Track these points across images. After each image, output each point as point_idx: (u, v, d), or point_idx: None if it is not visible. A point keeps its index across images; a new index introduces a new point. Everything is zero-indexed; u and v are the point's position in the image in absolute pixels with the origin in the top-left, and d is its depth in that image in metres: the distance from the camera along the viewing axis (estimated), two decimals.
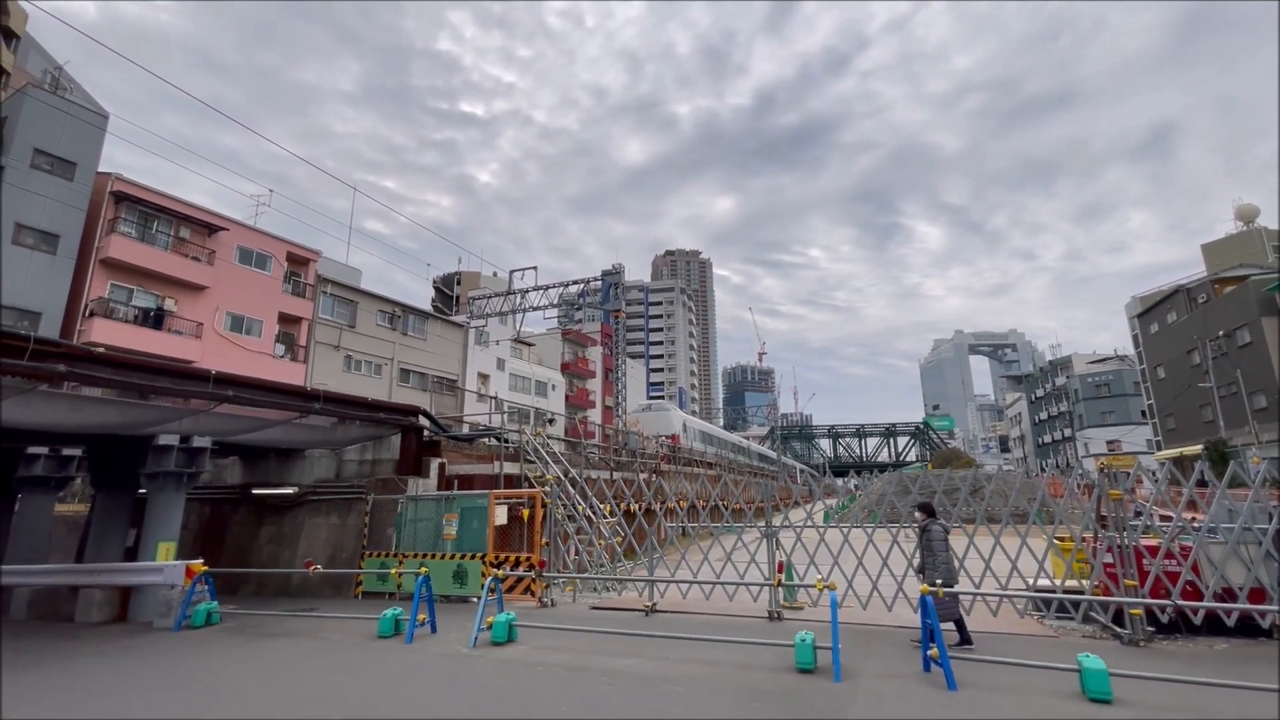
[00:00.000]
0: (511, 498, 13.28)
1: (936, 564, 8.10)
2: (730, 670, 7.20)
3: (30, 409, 9.98)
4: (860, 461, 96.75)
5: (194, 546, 15.47)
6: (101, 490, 14.02)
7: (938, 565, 8.08)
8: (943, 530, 8.36)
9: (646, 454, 24.76)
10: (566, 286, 34.00)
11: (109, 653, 9.08)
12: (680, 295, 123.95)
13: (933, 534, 8.29)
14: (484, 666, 7.61)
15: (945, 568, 8.07)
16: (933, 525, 8.38)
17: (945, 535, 8.32)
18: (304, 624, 10.73)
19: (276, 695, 6.74)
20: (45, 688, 7.28)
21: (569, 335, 56.66)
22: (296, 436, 14.18)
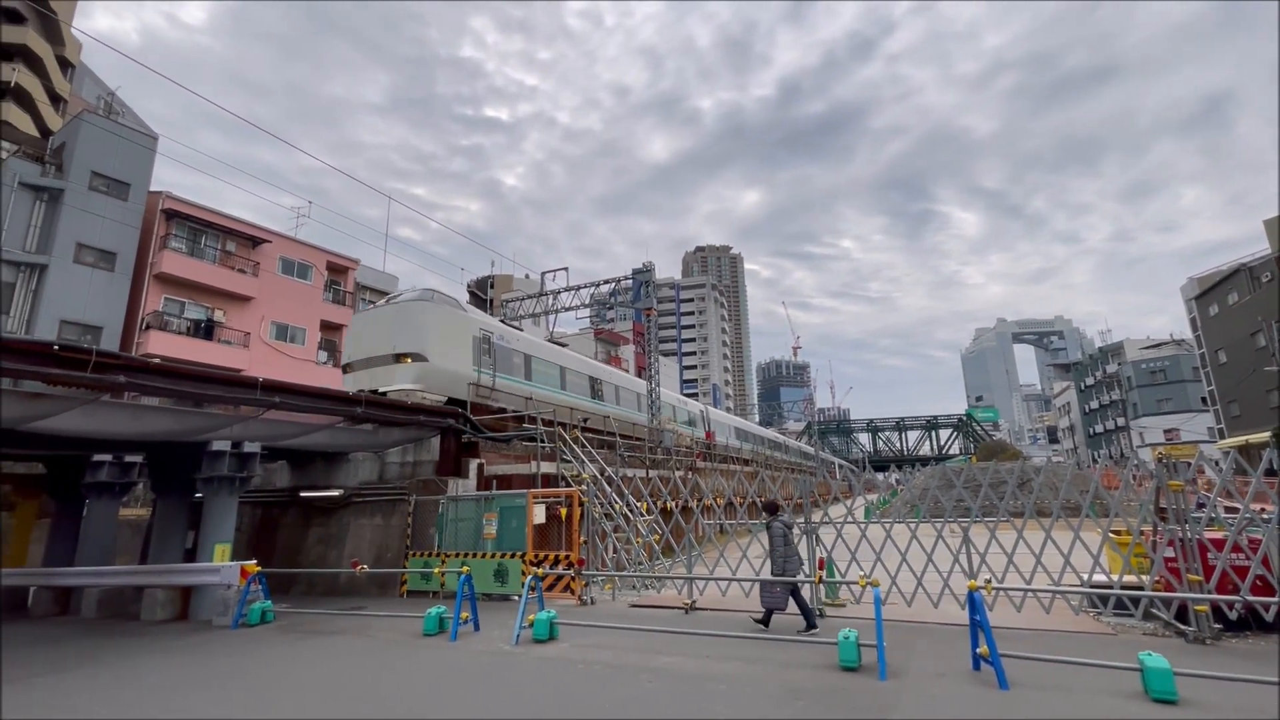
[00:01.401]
0: (549, 497, 13.41)
1: (775, 557, 8.88)
2: (772, 668, 7.13)
3: (94, 418, 10.50)
4: (901, 455, 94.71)
5: (247, 548, 16.07)
6: (161, 495, 14.67)
7: (775, 559, 8.86)
8: (783, 526, 9.02)
9: (681, 451, 24.69)
10: (598, 286, 34.13)
11: (172, 650, 9.50)
12: (711, 291, 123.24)
13: (772, 530, 9.02)
14: (527, 664, 7.70)
15: (782, 561, 8.81)
16: (773, 522, 9.07)
17: (785, 531, 8.98)
18: (352, 622, 11.04)
19: (329, 691, 6.94)
20: (115, 684, 7.66)
21: (601, 335, 56.96)
22: (340, 440, 14.58)
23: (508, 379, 19.12)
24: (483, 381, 17.96)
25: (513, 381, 19.37)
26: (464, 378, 17.42)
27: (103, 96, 52.65)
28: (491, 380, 18.16)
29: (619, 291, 34.99)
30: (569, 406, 20.55)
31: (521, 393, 19.44)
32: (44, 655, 9.62)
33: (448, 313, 17.88)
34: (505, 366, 19.26)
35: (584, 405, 22.29)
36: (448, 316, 17.73)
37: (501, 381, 18.66)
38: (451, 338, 17.52)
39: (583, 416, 20.93)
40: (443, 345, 17.07)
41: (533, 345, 21.58)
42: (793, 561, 8.99)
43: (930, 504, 11.40)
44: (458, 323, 17.90)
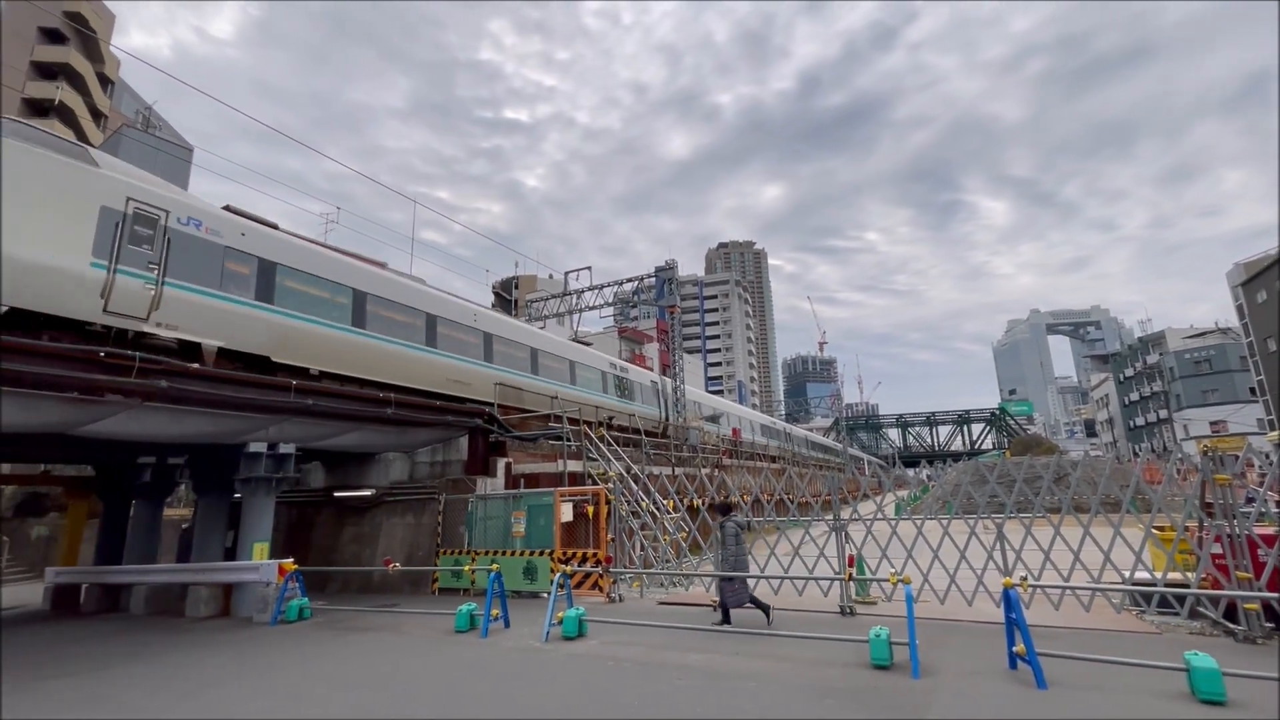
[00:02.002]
0: (576, 495, 13.50)
1: (726, 555, 9.38)
2: (802, 666, 7.08)
3: (139, 422, 10.88)
4: (932, 451, 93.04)
5: (284, 547, 16.50)
6: (202, 495, 15.14)
7: (727, 556, 9.38)
8: (735, 526, 9.52)
9: (707, 449, 24.64)
10: (621, 285, 34.22)
11: (216, 645, 9.81)
12: (735, 288, 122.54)
13: (725, 529, 9.53)
14: (557, 660, 7.78)
15: (734, 559, 9.31)
16: (726, 522, 9.60)
17: (736, 531, 9.48)
18: (386, 619, 11.27)
19: (365, 686, 7.10)
20: (163, 678, 7.94)
21: (625, 333, 57.07)
22: (371, 440, 14.87)
23: (210, 295, 11.64)
24: (123, 294, 10.38)
25: (216, 299, 11.72)
26: (68, 278, 9.85)
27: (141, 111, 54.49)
28: (155, 294, 10.80)
29: (642, 290, 35.04)
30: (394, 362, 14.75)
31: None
32: (94, 651, 10.01)
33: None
34: (200, 272, 11.62)
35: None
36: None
37: (181, 296, 11.17)
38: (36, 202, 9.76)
39: (608, 415, 20.88)
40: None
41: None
42: (743, 560, 9.48)
43: (963, 500, 11.18)
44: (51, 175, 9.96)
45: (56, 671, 8.48)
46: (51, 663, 9.12)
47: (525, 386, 18.55)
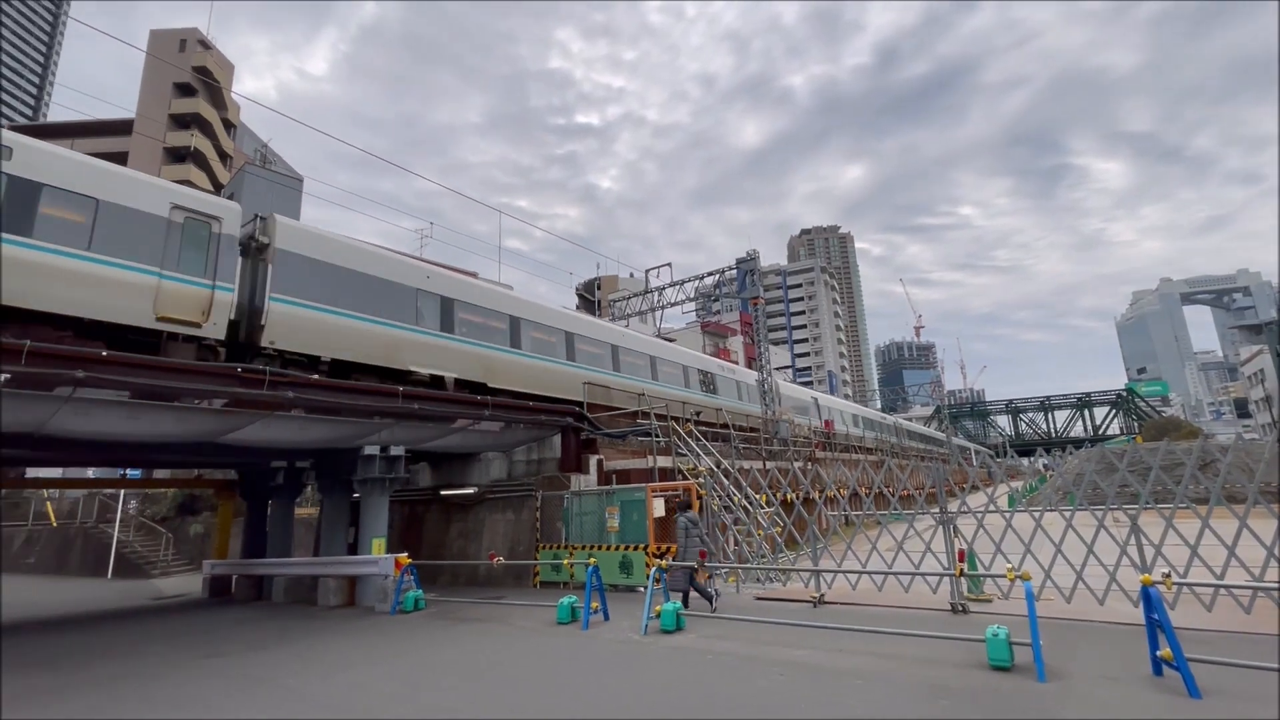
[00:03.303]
0: (667, 490, 13.59)
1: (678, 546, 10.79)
2: (912, 665, 6.76)
3: (271, 430, 12.07)
4: (1049, 438, 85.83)
5: (398, 542, 17.73)
6: (326, 495, 16.56)
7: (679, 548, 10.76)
8: (686, 520, 10.82)
9: (799, 441, 24.02)
10: (702, 279, 34.00)
11: (345, 632, 10.70)
12: (821, 275, 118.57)
13: (677, 523, 10.90)
14: (658, 653, 7.87)
15: (682, 551, 10.65)
16: (679, 517, 10.95)
17: (686, 525, 10.77)
18: (493, 610, 11.84)
19: (477, 673, 7.51)
20: (306, 659, 8.76)
21: (708, 328, 56.71)
22: (471, 441, 15.68)
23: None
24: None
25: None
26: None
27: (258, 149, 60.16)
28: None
29: (724, 282, 34.65)
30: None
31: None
32: (247, 634, 11.21)
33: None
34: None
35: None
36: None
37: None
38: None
39: (695, 410, 20.81)
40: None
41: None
42: (691, 551, 10.55)
43: (1088, 490, 10.24)
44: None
45: (217, 651, 9.58)
46: (213, 644, 10.31)
47: (612, 384, 18.85)
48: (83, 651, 10.30)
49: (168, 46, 50.29)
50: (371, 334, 13.28)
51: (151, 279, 10.31)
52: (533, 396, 16.22)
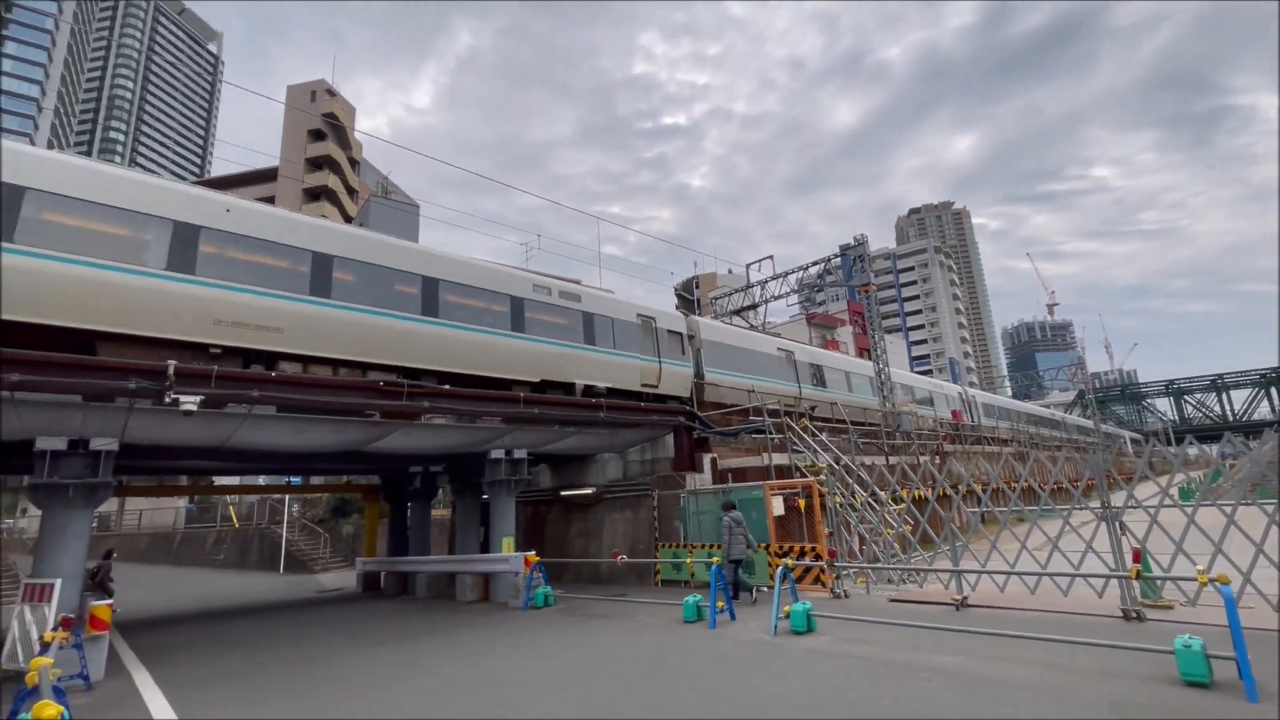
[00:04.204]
0: (786, 488, 13.24)
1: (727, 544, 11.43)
2: (1083, 676, 6.09)
3: (410, 437, 13.10)
4: (1224, 421, 74.65)
5: (524, 541, 18.59)
6: (458, 497, 17.73)
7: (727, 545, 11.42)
8: (730, 520, 11.44)
9: (924, 434, 22.53)
10: (806, 269, 32.86)
11: (484, 625, 11.38)
12: (935, 255, 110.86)
13: (722, 522, 11.69)
14: (792, 654, 7.67)
15: (727, 548, 11.36)
16: (724, 517, 11.68)
17: (730, 524, 11.41)
18: (619, 607, 12.10)
19: (615, 667, 7.69)
20: (453, 648, 9.41)
21: (814, 320, 54.74)
22: (587, 443, 16.15)
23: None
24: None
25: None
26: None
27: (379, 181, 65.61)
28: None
29: (829, 271, 33.31)
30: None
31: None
32: (399, 625, 12.22)
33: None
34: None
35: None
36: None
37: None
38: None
39: (809, 405, 20.16)
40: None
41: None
42: (735, 549, 11.40)
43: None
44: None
45: (376, 640, 10.52)
46: (371, 633, 11.34)
47: (722, 382, 18.75)
48: (268, 637, 11.70)
49: (301, 98, 56.26)
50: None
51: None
52: (646, 397, 16.46)
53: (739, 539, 11.45)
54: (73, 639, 7.74)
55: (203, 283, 9.75)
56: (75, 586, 9.13)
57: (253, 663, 9.34)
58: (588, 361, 14.98)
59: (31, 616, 8.37)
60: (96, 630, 8.57)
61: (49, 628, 7.77)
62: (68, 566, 9.18)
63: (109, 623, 8.83)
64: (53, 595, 8.49)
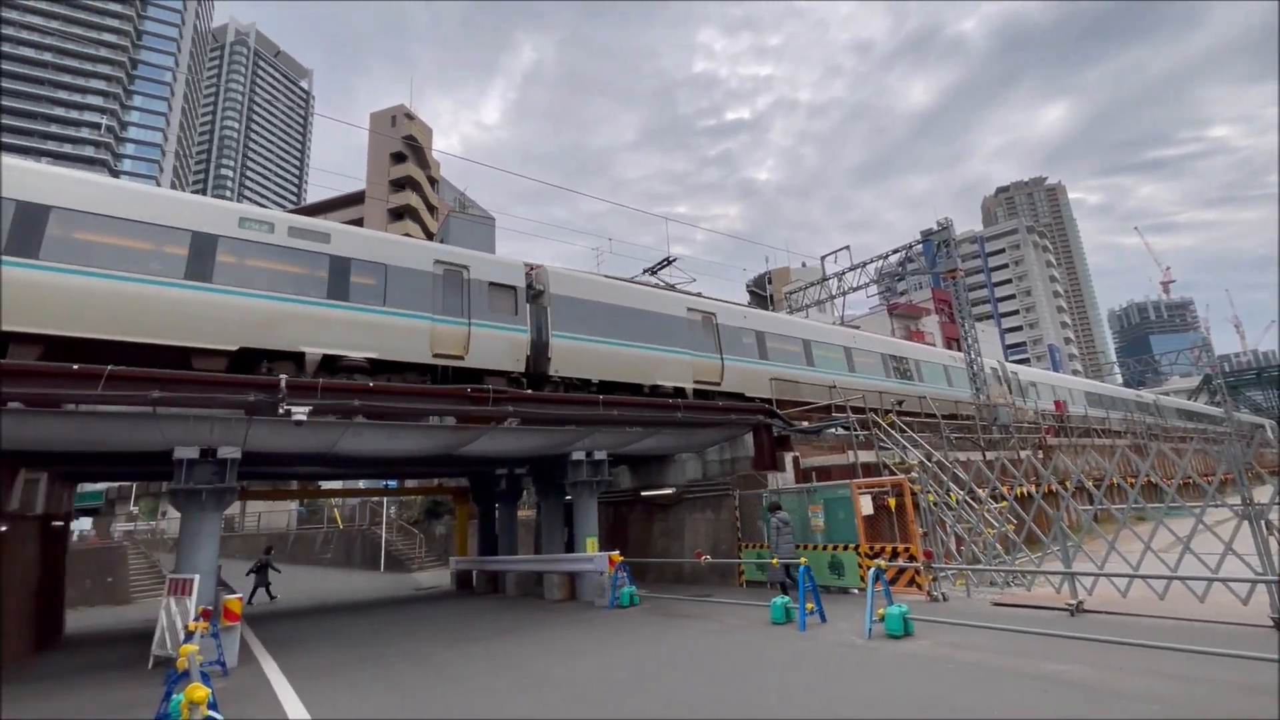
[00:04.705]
0: (874, 486, 12.75)
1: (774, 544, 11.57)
2: (1229, 692, 5.49)
3: (495, 441, 13.59)
4: None
5: (607, 541, 18.86)
6: (543, 498, 18.23)
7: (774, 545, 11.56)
8: (778, 521, 11.65)
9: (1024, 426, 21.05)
10: (885, 258, 31.56)
11: (572, 623, 11.63)
12: (1028, 236, 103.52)
13: (770, 523, 11.80)
14: (889, 659, 7.37)
15: (774, 548, 11.50)
16: (771, 517, 11.83)
17: (778, 524, 11.61)
18: (704, 608, 12.05)
19: (705, 668, 7.66)
20: (543, 646, 9.67)
21: (896, 310, 52.43)
22: (665, 443, 16.19)
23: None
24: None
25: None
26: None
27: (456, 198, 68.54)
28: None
29: (911, 259, 31.80)
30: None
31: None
32: (491, 622, 12.71)
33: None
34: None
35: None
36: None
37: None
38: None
39: (896, 399, 19.31)
40: None
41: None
42: (784, 549, 11.52)
43: None
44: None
45: (470, 636, 10.99)
46: (465, 630, 11.85)
47: (801, 379, 18.33)
48: (373, 632, 12.48)
49: (382, 123, 59.74)
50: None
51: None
52: (723, 395, 16.36)
53: (786, 539, 11.65)
54: (210, 629, 8.56)
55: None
56: (210, 581, 10.08)
57: (361, 655, 9.98)
58: (324, 321, 11.22)
59: (176, 608, 9.32)
60: (229, 621, 9.43)
61: (191, 618, 8.62)
62: (204, 563, 10.16)
63: (239, 615, 9.71)
64: (193, 589, 9.41)
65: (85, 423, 9.44)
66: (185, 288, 10.12)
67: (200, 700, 4.02)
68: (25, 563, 13.06)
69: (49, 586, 14.78)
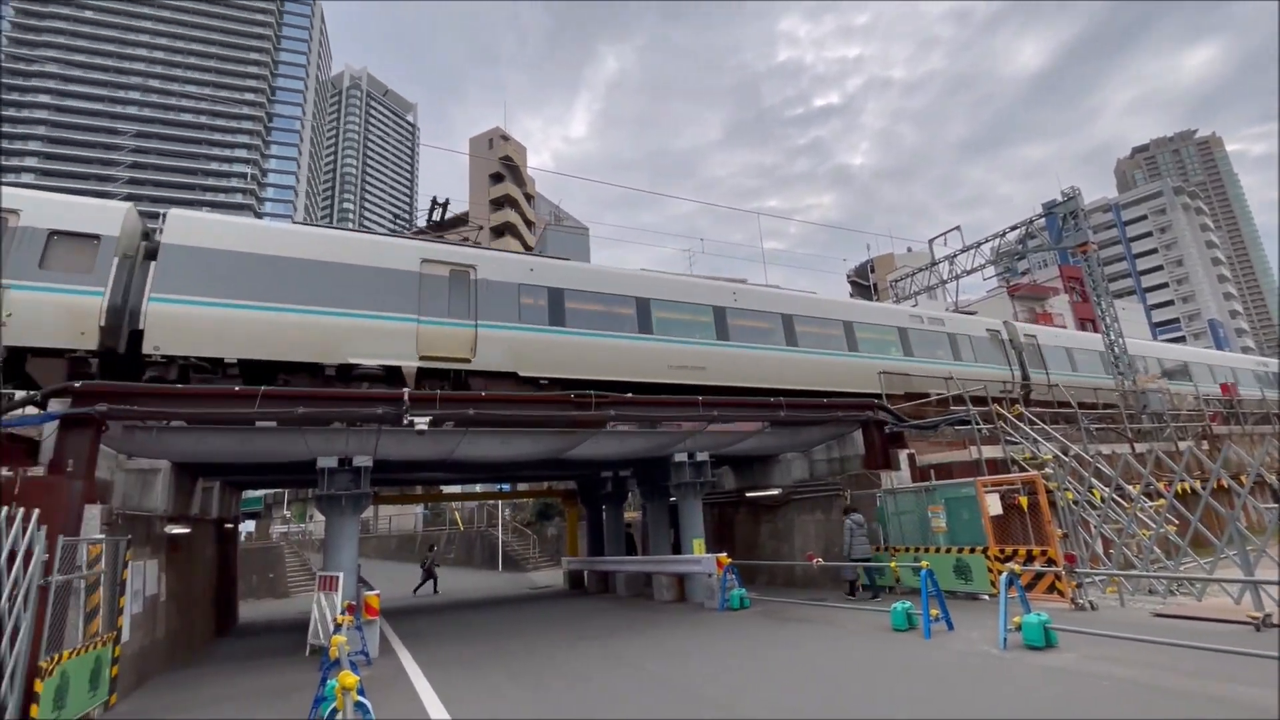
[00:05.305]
0: (1002, 484, 11.77)
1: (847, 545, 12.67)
2: None
3: (599, 445, 13.92)
4: None
5: (713, 543, 18.73)
6: (647, 500, 18.43)
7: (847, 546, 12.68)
8: (852, 523, 12.72)
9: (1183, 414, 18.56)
10: (1002, 236, 29.10)
11: (683, 625, 11.65)
12: (1175, 198, 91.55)
13: (845, 525, 12.88)
14: (1032, 673, 6.75)
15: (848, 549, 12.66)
16: (846, 519, 12.92)
17: (852, 526, 12.70)
18: (818, 612, 11.65)
19: (826, 674, 7.41)
20: (655, 646, 9.78)
21: (1017, 291, 48.13)
22: (768, 443, 15.84)
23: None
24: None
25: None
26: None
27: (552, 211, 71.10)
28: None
29: (1032, 234, 29.11)
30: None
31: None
32: (603, 621, 13.01)
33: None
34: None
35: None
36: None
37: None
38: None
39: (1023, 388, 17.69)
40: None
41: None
42: (857, 550, 12.54)
43: None
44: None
45: (585, 635, 11.31)
46: (580, 628, 12.21)
47: (912, 371, 17.26)
48: (494, 628, 13.16)
49: (480, 147, 63.17)
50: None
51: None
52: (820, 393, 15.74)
53: (860, 541, 12.67)
54: (354, 622, 9.40)
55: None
56: (352, 578, 11.08)
57: (485, 650, 10.56)
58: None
59: (326, 603, 10.33)
60: (370, 616, 10.32)
61: (339, 612, 9.52)
62: (346, 561, 11.19)
63: (378, 610, 10.60)
64: (338, 585, 10.39)
65: (246, 436, 10.70)
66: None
67: (351, 686, 4.43)
68: (206, 561, 15.00)
69: (225, 581, 16.88)
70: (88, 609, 7.64)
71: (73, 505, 7.70)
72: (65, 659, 6.80)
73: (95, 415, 8.49)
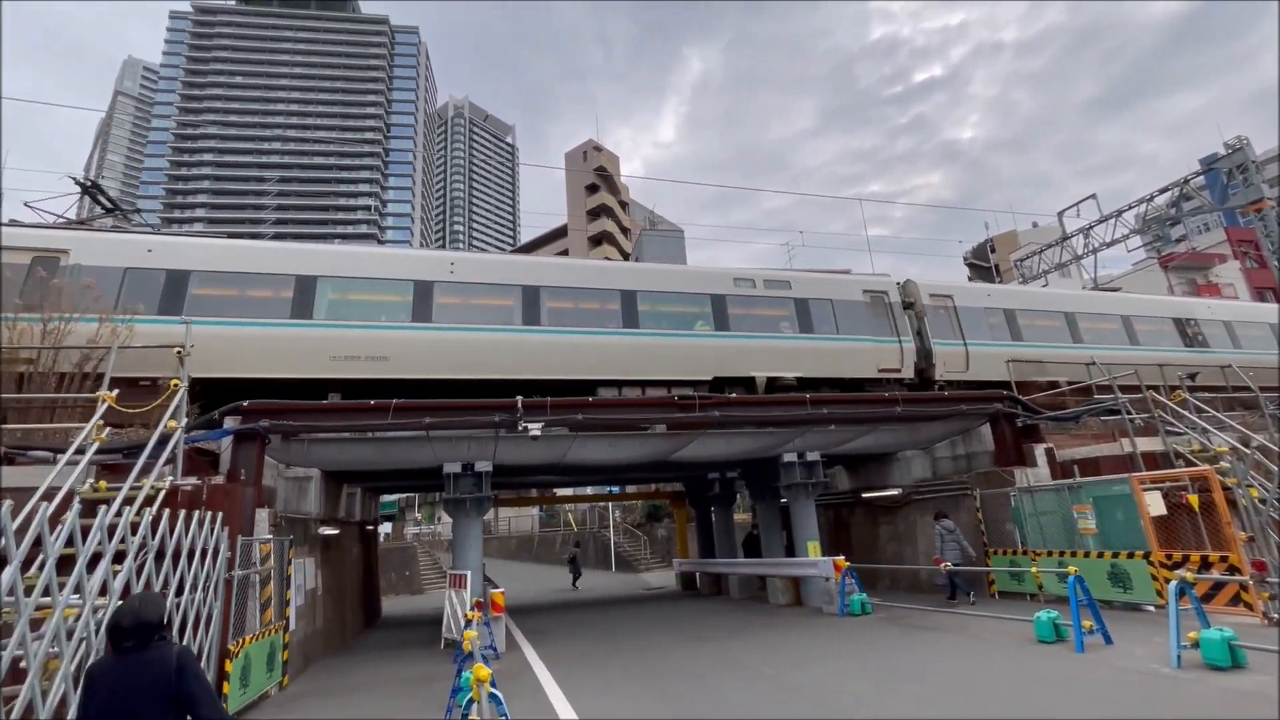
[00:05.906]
0: (1163, 480, 10.41)
1: (939, 550, 12.76)
2: None
3: (706, 446, 13.85)
4: None
5: (828, 545, 18.04)
6: (758, 501, 18.12)
7: (939, 551, 12.75)
8: (942, 529, 12.86)
9: None
10: (1150, 200, 25.86)
11: (800, 629, 11.32)
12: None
13: (935, 530, 13.07)
14: (1212, 696, 5.92)
15: (940, 554, 12.69)
16: (936, 525, 13.10)
17: (942, 532, 12.84)
18: (949, 619, 10.89)
19: (960, 685, 6.91)
20: (772, 650, 9.57)
21: (1170, 261, 42.40)
22: (884, 441, 15.03)
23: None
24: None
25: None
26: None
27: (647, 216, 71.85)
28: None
29: (1188, 196, 25.59)
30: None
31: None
32: (719, 623, 12.92)
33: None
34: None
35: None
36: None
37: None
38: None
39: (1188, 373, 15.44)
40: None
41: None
42: (949, 555, 12.52)
43: None
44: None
45: (699, 636, 11.30)
46: (694, 630, 12.21)
47: (1047, 358, 15.68)
48: (611, 627, 13.47)
49: (575, 160, 65.19)
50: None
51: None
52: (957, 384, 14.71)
53: (951, 547, 12.63)
54: (482, 618, 9.99)
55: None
56: (478, 577, 11.79)
57: (603, 648, 10.84)
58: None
59: (456, 599, 11.06)
60: (496, 613, 10.92)
61: (467, 608, 10.16)
62: (472, 560, 11.92)
63: (503, 607, 11.19)
64: (467, 583, 11.09)
65: (381, 445, 11.72)
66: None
67: (485, 679, 4.71)
68: (353, 559, 16.56)
69: (369, 578, 18.56)
70: (262, 600, 8.70)
71: (247, 509, 8.80)
72: (247, 643, 7.79)
73: (259, 430, 9.66)
